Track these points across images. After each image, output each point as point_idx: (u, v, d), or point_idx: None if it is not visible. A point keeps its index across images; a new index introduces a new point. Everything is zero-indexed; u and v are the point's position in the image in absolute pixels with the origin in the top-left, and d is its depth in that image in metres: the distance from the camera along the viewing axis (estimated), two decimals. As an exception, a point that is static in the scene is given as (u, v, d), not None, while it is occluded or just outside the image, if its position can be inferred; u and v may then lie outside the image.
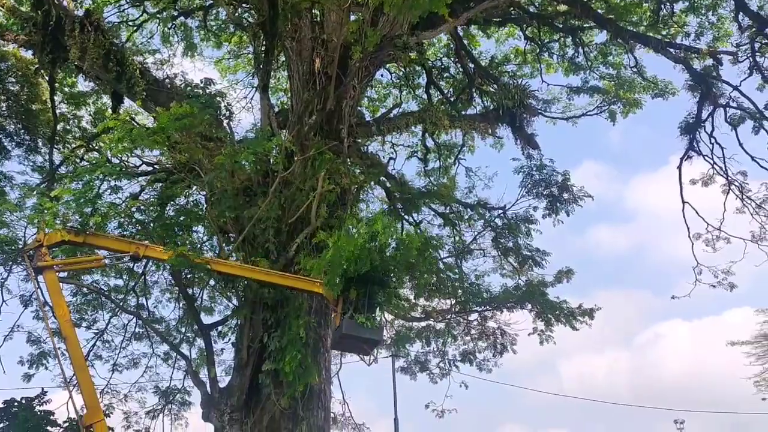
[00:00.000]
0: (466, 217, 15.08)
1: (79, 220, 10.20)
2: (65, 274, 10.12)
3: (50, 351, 13.93)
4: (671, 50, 14.34)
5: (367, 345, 8.53)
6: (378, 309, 8.15)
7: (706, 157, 14.86)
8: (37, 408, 15.56)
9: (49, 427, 15.09)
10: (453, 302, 14.93)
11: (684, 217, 15.08)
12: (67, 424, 15.01)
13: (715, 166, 14.84)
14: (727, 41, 14.99)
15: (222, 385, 10.41)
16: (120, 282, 13.96)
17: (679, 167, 15.08)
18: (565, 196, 13.52)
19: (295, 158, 9.85)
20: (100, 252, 9.48)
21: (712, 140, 14.68)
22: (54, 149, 14.92)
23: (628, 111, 16.26)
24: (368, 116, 15.87)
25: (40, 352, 14.11)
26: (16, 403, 15.38)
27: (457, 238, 15.41)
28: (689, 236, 15.18)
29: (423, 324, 16.01)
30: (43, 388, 15.40)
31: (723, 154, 14.68)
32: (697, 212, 14.96)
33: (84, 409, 8.27)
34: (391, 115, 15.03)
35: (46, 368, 14.20)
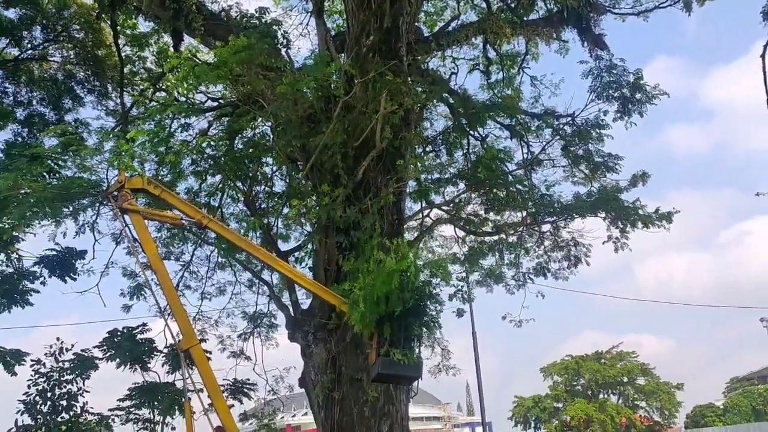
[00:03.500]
0: (534, 127, 14.67)
1: (156, 159, 10.63)
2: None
3: (145, 283, 14.90)
4: (753, -75, 13.08)
5: (406, 381, 8.27)
6: (416, 341, 7.70)
7: (792, 42, 13.77)
8: (139, 337, 16.83)
9: (151, 354, 16.35)
10: (524, 215, 14.82)
11: (768, 108, 14.16)
12: (167, 350, 16.19)
13: (802, 51, 13.76)
14: None
15: (304, 307, 10.91)
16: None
17: (763, 55, 13.98)
18: (638, 96, 12.89)
19: (356, 81, 9.78)
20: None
21: (801, 23, 13.55)
22: (124, 92, 15.41)
23: (705, -1, 15.04)
24: (426, 32, 15.41)
25: (136, 284, 15.09)
26: (119, 333, 16.67)
27: (525, 150, 15.10)
28: (774, 129, 14.32)
29: (495, 238, 16.04)
30: (145, 323, 16.61)
31: (812, 38, 13.57)
32: (782, 102, 14.02)
33: (180, 335, 8.88)
34: (450, 28, 14.55)
35: (145, 299, 15.21)
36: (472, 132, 14.82)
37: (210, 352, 15.27)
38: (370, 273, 7.58)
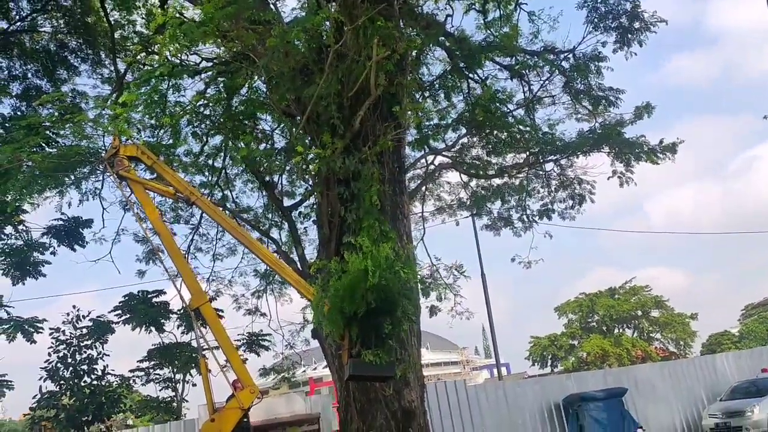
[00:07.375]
0: (533, 64, 14.38)
1: (152, 123, 10.57)
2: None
3: (154, 248, 15.05)
4: None
5: (379, 380, 8.25)
6: (388, 341, 7.45)
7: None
8: (154, 301, 17.15)
9: (166, 316, 16.68)
10: (527, 155, 14.69)
11: (773, 29, 13.82)
12: (181, 311, 16.50)
13: (808, -34, 13.29)
14: None
15: (311, 260, 10.97)
16: (204, 178, 14.54)
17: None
18: (636, 25, 12.57)
19: (346, 29, 9.57)
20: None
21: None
22: (116, 58, 15.23)
23: None
24: (418, -28, 14.96)
25: (150, 249, 15.27)
26: (135, 298, 17.00)
27: (525, 89, 14.85)
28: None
29: (500, 181, 15.96)
30: (162, 290, 16.87)
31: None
32: (787, 22, 13.66)
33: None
34: (442, -33, 14.10)
35: (158, 264, 15.37)
36: (470, 75, 14.57)
37: (221, 311, 15.54)
38: (336, 272, 7.29)
